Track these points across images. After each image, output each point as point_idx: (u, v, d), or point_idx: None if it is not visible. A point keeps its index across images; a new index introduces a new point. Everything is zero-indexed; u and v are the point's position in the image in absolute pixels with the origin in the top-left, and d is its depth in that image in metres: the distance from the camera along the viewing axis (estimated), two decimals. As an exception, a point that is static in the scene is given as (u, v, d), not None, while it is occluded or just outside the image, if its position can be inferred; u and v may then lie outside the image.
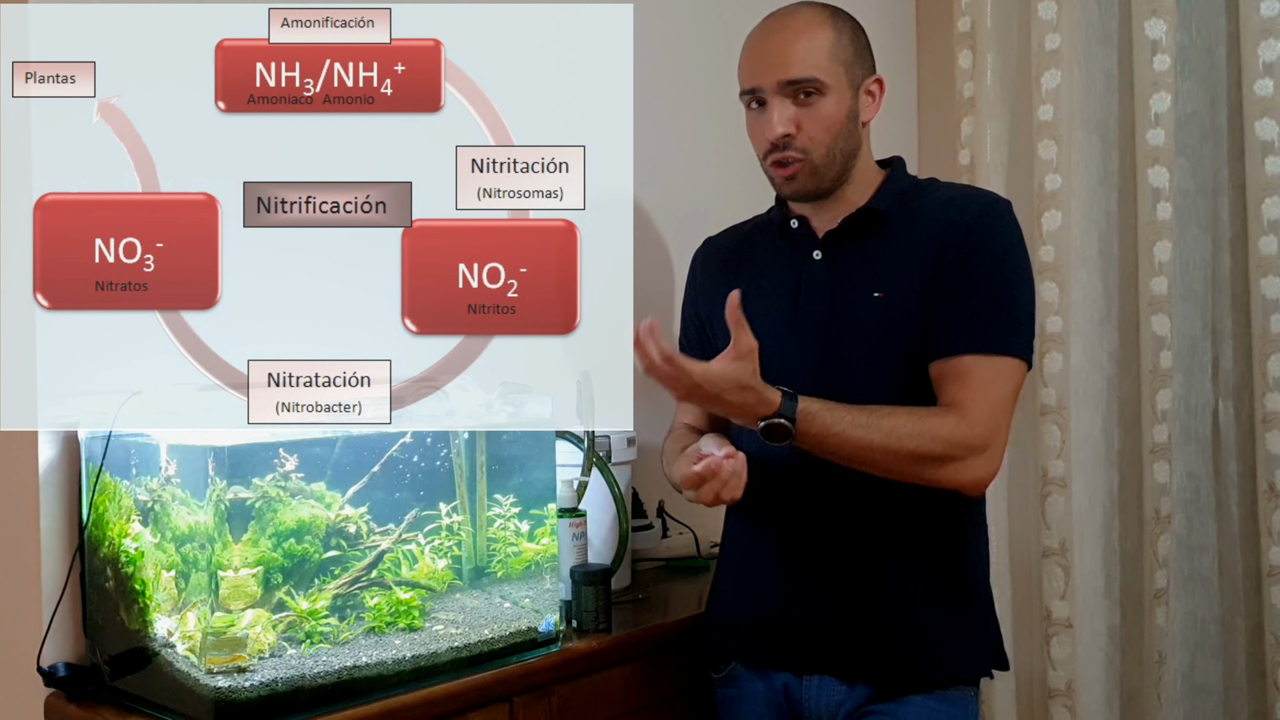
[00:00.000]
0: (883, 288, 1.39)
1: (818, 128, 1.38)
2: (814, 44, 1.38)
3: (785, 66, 1.38)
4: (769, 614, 1.45)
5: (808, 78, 1.37)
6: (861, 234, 1.42)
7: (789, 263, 1.46)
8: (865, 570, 1.40)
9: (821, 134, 1.38)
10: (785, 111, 1.38)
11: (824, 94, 1.38)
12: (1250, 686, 2.12)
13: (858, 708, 1.41)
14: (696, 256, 1.61)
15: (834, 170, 1.41)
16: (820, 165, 1.40)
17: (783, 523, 1.44)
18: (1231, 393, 2.11)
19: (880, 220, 1.42)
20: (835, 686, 1.41)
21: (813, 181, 1.41)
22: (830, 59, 1.38)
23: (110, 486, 1.29)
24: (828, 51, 1.38)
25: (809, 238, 1.45)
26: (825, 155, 1.40)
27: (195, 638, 1.19)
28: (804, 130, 1.38)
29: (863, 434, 1.29)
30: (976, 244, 1.37)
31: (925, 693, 1.39)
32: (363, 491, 1.29)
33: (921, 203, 1.43)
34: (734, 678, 1.50)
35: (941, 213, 1.41)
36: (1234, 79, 2.11)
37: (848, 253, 1.43)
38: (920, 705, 1.39)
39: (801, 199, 1.44)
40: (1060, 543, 2.28)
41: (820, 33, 1.39)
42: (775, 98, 1.38)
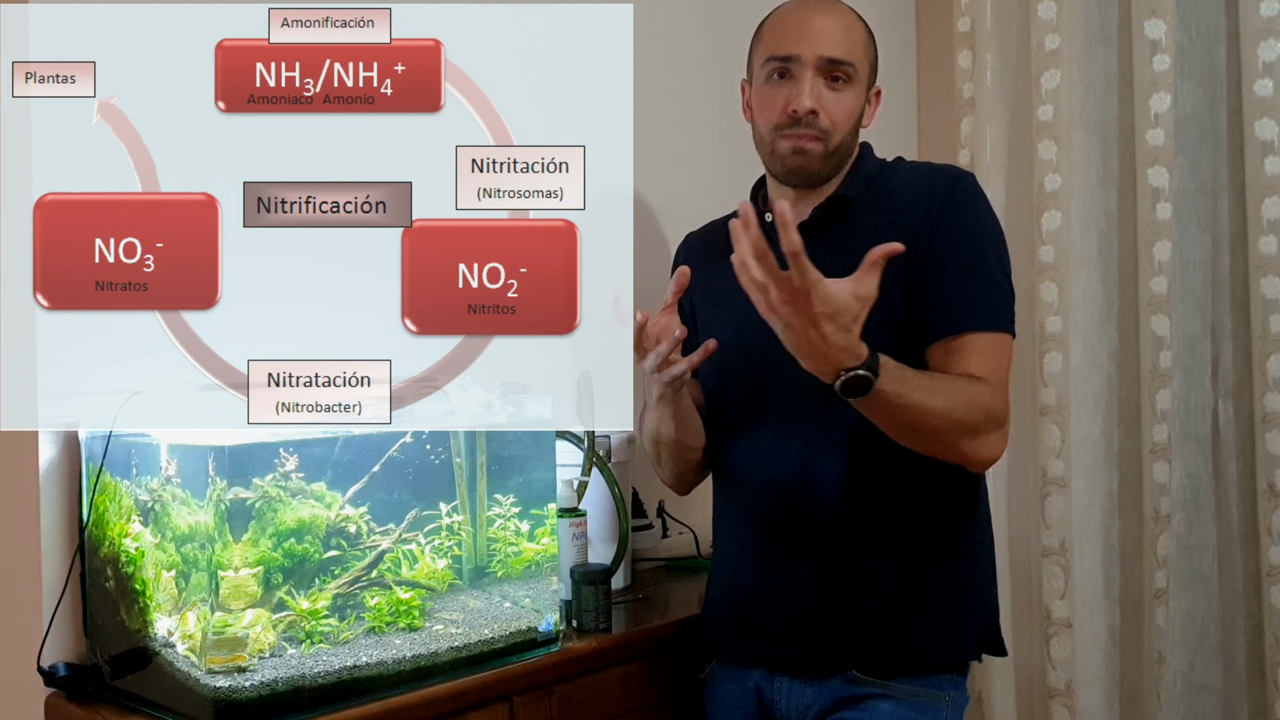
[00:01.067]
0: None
1: (841, 114, 1.39)
2: (854, 33, 1.41)
3: (829, 44, 1.38)
4: (742, 607, 1.45)
5: (849, 61, 1.39)
6: (834, 222, 1.42)
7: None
8: (834, 564, 1.39)
9: (843, 121, 1.40)
10: (817, 86, 1.38)
11: (851, 83, 1.39)
12: (1250, 686, 2.12)
13: (825, 711, 1.40)
14: (679, 251, 1.62)
15: (834, 163, 1.42)
16: (833, 152, 1.41)
17: (754, 514, 1.44)
18: (1231, 393, 2.11)
19: (850, 208, 1.42)
20: (803, 689, 1.41)
21: (818, 163, 1.41)
22: (864, 53, 1.41)
23: (110, 486, 1.29)
24: (863, 45, 1.41)
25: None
26: (839, 144, 1.41)
27: (195, 637, 1.19)
28: (828, 113, 1.38)
29: (928, 398, 1.26)
30: (952, 224, 1.36)
31: (894, 699, 1.37)
32: (363, 491, 1.29)
33: (889, 186, 1.43)
34: (714, 678, 1.51)
35: (909, 194, 1.40)
36: (1234, 79, 2.11)
37: (822, 244, 1.40)
38: (888, 713, 1.37)
39: (799, 179, 1.43)
40: (1060, 543, 2.28)
41: (859, 26, 1.43)
42: (810, 71, 1.38)
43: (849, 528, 1.39)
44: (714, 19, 2.10)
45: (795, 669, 1.42)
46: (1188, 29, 2.11)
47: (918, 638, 1.39)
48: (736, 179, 1.59)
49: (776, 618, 1.42)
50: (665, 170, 1.99)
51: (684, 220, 1.77)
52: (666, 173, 1.99)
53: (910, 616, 1.39)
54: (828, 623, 1.39)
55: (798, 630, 1.41)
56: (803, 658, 1.41)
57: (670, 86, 2.02)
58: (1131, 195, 2.21)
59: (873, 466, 1.37)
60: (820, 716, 1.41)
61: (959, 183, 1.40)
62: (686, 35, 2.08)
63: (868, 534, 1.39)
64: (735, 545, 1.49)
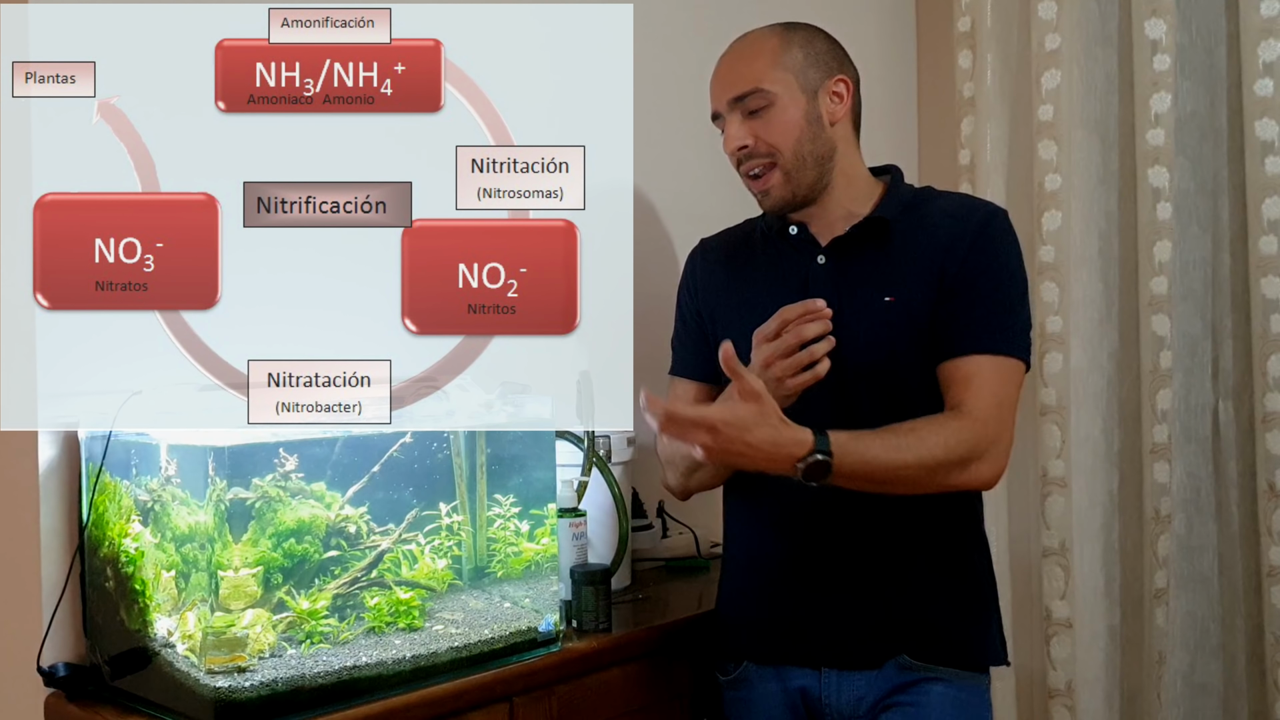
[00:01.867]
0: (892, 293, 1.40)
1: (774, 134, 1.42)
2: (757, 59, 1.43)
3: (730, 84, 1.44)
4: (783, 610, 1.46)
5: (749, 90, 1.42)
6: (868, 242, 1.44)
7: (792, 267, 1.47)
8: (876, 561, 1.42)
9: (779, 139, 1.42)
10: (738, 126, 1.43)
11: (773, 103, 1.42)
12: (1250, 686, 2.12)
13: (879, 701, 1.42)
14: (694, 257, 1.61)
15: (808, 175, 1.43)
16: (791, 170, 1.42)
17: (790, 517, 1.45)
18: (1231, 393, 2.11)
19: (888, 229, 1.44)
20: (855, 680, 1.42)
21: (788, 189, 1.43)
22: (775, 68, 1.42)
23: (110, 486, 1.29)
24: (771, 63, 1.43)
25: (810, 243, 1.46)
26: (793, 159, 1.42)
27: (195, 638, 1.19)
28: (761, 139, 1.42)
29: (896, 455, 1.29)
30: (980, 255, 1.40)
31: (945, 682, 1.41)
32: (363, 491, 1.29)
33: (924, 211, 1.46)
34: (744, 679, 1.50)
35: (945, 222, 1.43)
36: (1234, 79, 2.10)
37: (855, 259, 1.44)
38: (941, 694, 1.41)
39: (782, 209, 1.46)
40: (1060, 543, 2.28)
41: (764, 47, 1.44)
42: (729, 114, 1.44)
43: (883, 526, 1.41)
44: (714, 19, 2.10)
45: (845, 661, 1.43)
46: (1188, 29, 2.11)
47: (962, 627, 1.43)
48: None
49: (821, 614, 1.43)
50: (665, 170, 1.99)
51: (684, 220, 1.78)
52: (666, 172, 1.99)
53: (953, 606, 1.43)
54: (876, 614, 1.41)
55: (846, 624, 1.42)
56: (853, 650, 1.42)
57: (670, 86, 2.02)
58: (1132, 195, 2.21)
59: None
60: (874, 706, 1.42)
61: (992, 220, 1.44)
62: (686, 35, 2.08)
63: (900, 531, 1.41)
64: (759, 548, 1.49)
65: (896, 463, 1.29)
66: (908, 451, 1.29)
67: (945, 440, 1.31)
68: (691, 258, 1.61)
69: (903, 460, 1.29)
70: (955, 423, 1.33)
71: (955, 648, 1.43)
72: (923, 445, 1.30)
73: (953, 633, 1.43)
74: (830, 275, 1.44)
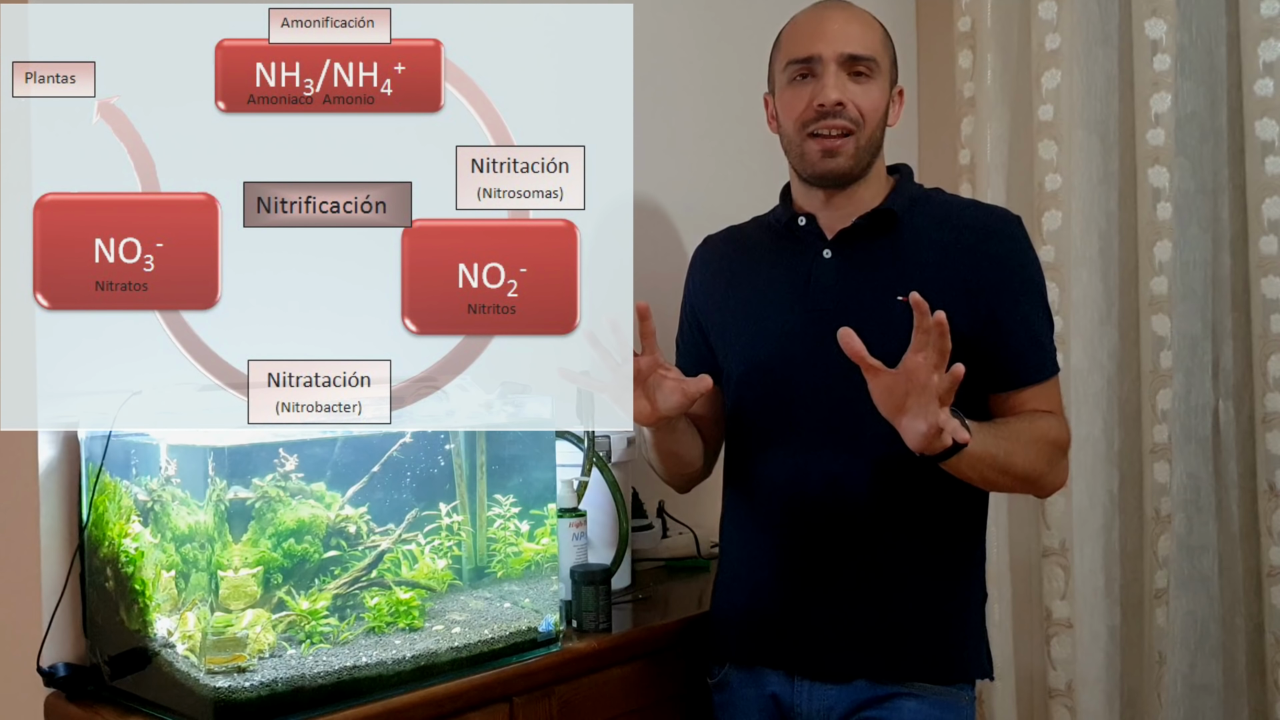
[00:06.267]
0: (904, 292, 1.38)
1: (868, 105, 1.41)
2: (872, 30, 1.44)
3: (849, 40, 1.41)
4: (763, 611, 1.45)
5: (869, 55, 1.41)
6: (874, 235, 1.43)
7: (795, 260, 1.46)
8: (863, 572, 1.40)
9: (871, 113, 1.41)
10: (843, 82, 1.40)
11: (874, 78, 1.41)
12: (1250, 686, 2.12)
13: (848, 714, 1.41)
14: (696, 254, 1.61)
15: (866, 158, 1.43)
16: (863, 146, 1.42)
17: (780, 522, 1.44)
18: (1231, 393, 2.11)
19: (895, 222, 1.43)
20: (825, 691, 1.41)
21: (852, 160, 1.41)
22: (883, 49, 1.44)
23: (110, 486, 1.29)
24: (881, 42, 1.44)
25: (817, 236, 1.45)
26: (869, 136, 1.42)
27: (195, 638, 1.19)
28: (855, 104, 1.40)
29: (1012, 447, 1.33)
30: (1015, 272, 1.42)
31: (918, 698, 1.39)
32: (363, 491, 1.29)
33: (933, 210, 1.45)
34: (727, 683, 1.50)
35: (962, 234, 1.42)
36: (1234, 79, 2.11)
37: (860, 252, 1.43)
38: (914, 711, 1.39)
39: (832, 179, 1.43)
40: (1060, 543, 2.28)
41: (875, 24, 1.45)
42: (832, 67, 1.40)
43: (876, 537, 1.40)
44: (714, 19, 2.10)
45: (817, 672, 1.42)
46: (1188, 29, 2.11)
47: (940, 648, 1.41)
48: (737, 178, 1.59)
49: (800, 622, 1.42)
50: (665, 170, 1.99)
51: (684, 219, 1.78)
52: (667, 172, 1.99)
53: (934, 627, 1.41)
54: (854, 628, 1.40)
55: (822, 634, 1.41)
56: (825, 661, 1.41)
57: (670, 86, 2.02)
58: (1132, 195, 2.21)
59: (899, 477, 1.38)
60: (844, 718, 1.41)
61: (1017, 229, 1.45)
62: (686, 35, 2.08)
63: (894, 543, 1.40)
64: (752, 550, 1.48)
65: (1011, 460, 1.32)
66: (1020, 449, 1.33)
67: (1043, 438, 1.36)
68: (695, 256, 1.61)
69: (1016, 459, 1.33)
70: (1046, 421, 1.38)
71: (928, 664, 1.40)
72: (1031, 444, 1.35)
73: (928, 649, 1.40)
74: (834, 269, 1.43)
